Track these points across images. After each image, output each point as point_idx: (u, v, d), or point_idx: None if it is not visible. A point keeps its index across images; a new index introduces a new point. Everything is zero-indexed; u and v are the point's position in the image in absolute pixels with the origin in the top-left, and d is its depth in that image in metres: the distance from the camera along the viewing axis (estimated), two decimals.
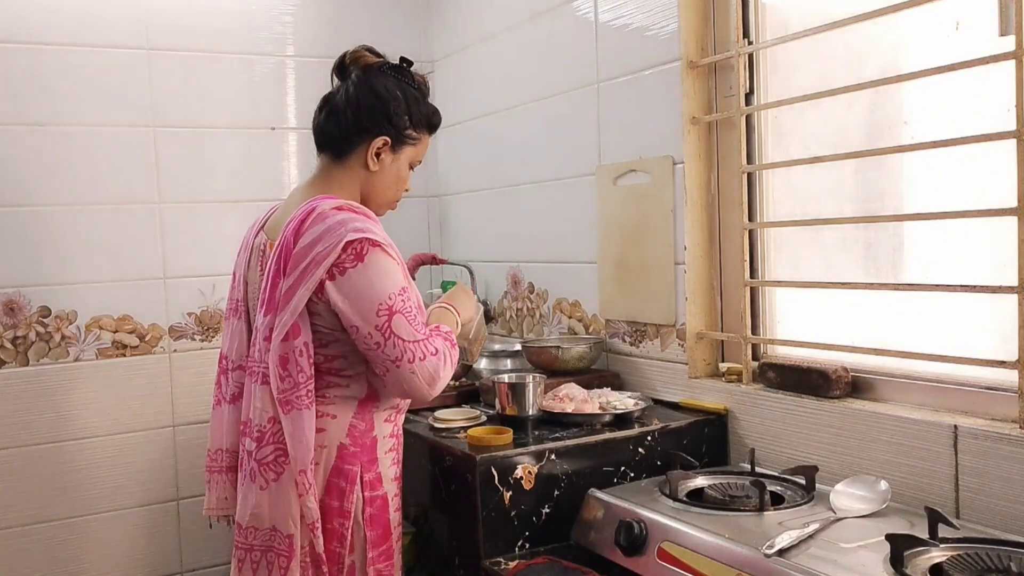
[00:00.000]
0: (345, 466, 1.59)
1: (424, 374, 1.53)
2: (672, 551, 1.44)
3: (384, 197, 1.72)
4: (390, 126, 1.65)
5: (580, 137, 2.36)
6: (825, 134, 1.85)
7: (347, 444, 1.60)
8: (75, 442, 2.58)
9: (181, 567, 2.71)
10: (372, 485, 1.62)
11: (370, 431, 1.63)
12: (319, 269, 1.50)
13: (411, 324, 1.53)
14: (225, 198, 2.71)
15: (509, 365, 2.37)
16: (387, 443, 1.67)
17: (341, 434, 1.60)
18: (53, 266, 2.54)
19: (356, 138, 1.65)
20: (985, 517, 1.45)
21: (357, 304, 1.51)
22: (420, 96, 1.71)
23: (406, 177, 1.73)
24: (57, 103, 2.53)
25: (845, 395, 1.73)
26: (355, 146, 1.65)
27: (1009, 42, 1.42)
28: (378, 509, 1.63)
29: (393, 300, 1.52)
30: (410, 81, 1.70)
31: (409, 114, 1.67)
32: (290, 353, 1.52)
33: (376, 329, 1.51)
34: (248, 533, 1.57)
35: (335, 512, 1.58)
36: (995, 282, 1.49)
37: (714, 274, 2.06)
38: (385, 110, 1.64)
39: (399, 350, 1.51)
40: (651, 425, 1.89)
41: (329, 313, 1.54)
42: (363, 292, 1.51)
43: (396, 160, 1.68)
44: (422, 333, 1.54)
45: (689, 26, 2.01)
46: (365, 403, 1.62)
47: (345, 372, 1.60)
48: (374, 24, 2.98)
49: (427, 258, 2.56)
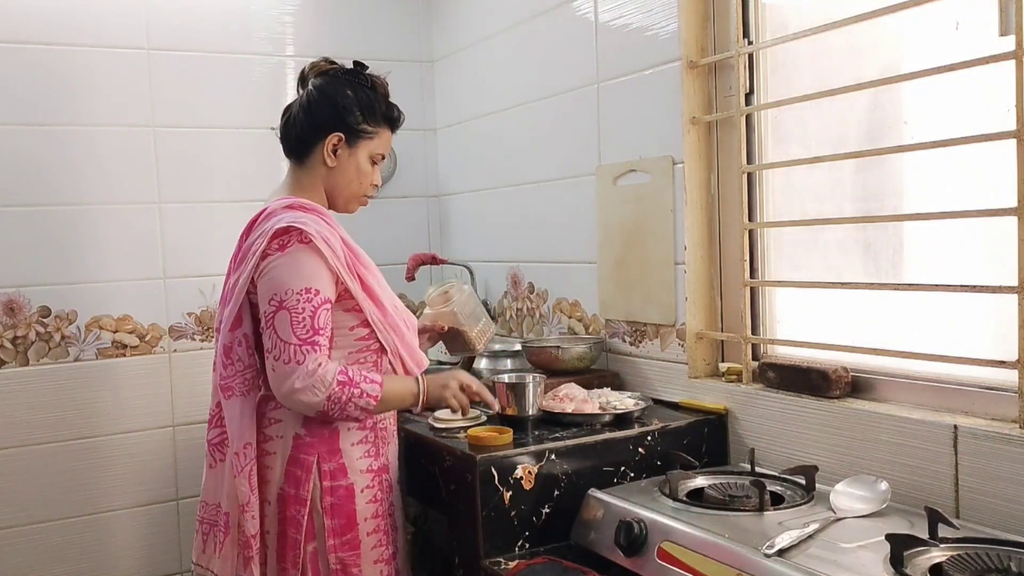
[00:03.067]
0: (301, 455, 1.66)
1: (279, 374, 1.58)
2: (672, 551, 1.44)
3: (347, 191, 1.78)
4: (342, 123, 1.73)
5: (580, 137, 2.36)
6: (825, 134, 1.85)
7: (303, 434, 1.67)
8: (75, 442, 2.58)
9: (181, 567, 2.71)
10: (333, 475, 1.67)
11: (328, 422, 1.67)
12: (255, 259, 1.61)
13: (292, 325, 1.57)
14: (225, 198, 2.71)
15: (509, 365, 2.37)
16: (355, 435, 1.71)
17: (297, 425, 1.68)
18: (53, 266, 2.54)
19: (312, 138, 1.74)
20: (985, 517, 1.45)
21: (263, 288, 1.61)
22: (374, 93, 1.78)
23: (368, 171, 1.79)
24: (57, 103, 2.53)
25: (845, 395, 1.73)
26: (312, 146, 1.74)
27: (1009, 42, 1.42)
28: (340, 499, 1.67)
29: (288, 296, 1.58)
30: (362, 81, 1.78)
31: (361, 110, 1.74)
32: (232, 343, 1.65)
33: (264, 315, 1.60)
34: (202, 507, 1.72)
35: (292, 499, 1.66)
36: (995, 282, 1.49)
37: (714, 274, 2.06)
38: (335, 109, 1.73)
39: (271, 342, 1.59)
40: (651, 425, 1.89)
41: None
42: (270, 279, 1.60)
43: (353, 155, 1.75)
44: (298, 339, 1.57)
45: (689, 26, 2.01)
46: None
47: None
48: (374, 24, 2.98)
49: (427, 258, 2.57)
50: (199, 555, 1.72)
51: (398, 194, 3.05)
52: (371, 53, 2.96)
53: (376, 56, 2.97)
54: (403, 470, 1.96)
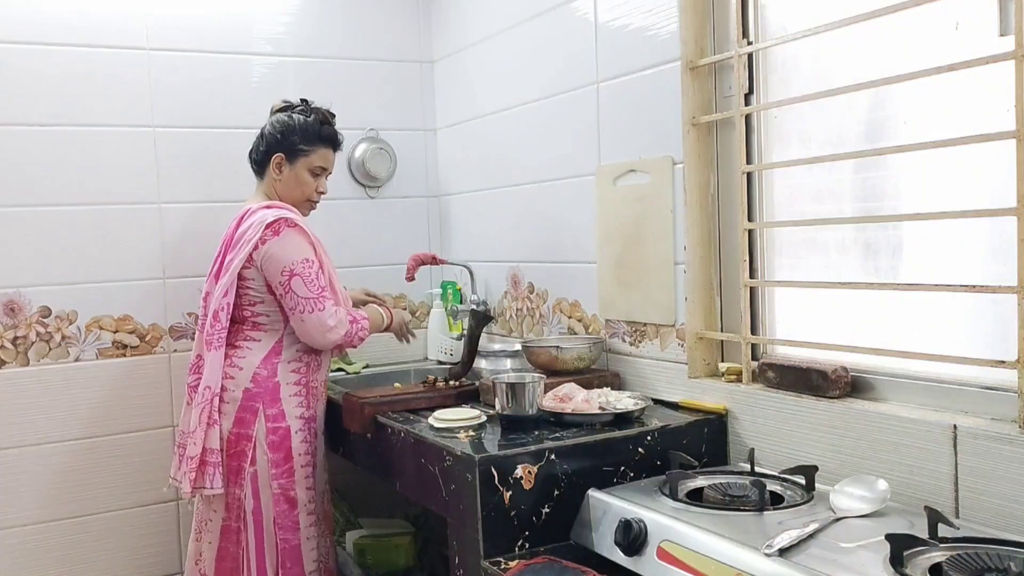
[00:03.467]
0: (248, 403, 2.18)
1: (310, 322, 2.15)
2: (672, 551, 1.44)
3: (293, 196, 2.30)
4: (281, 145, 2.28)
5: (580, 137, 2.36)
6: (825, 134, 1.85)
7: (251, 387, 2.18)
8: (75, 442, 2.58)
9: (181, 567, 2.71)
10: (274, 419, 2.19)
11: (272, 377, 2.20)
12: (248, 245, 2.14)
13: (306, 285, 2.14)
14: (225, 198, 2.71)
15: (509, 365, 2.37)
16: (291, 389, 2.22)
17: (246, 381, 2.18)
18: (53, 266, 2.54)
19: (264, 159, 2.31)
20: (985, 517, 1.45)
21: (271, 266, 2.14)
22: (311, 120, 2.29)
23: (308, 181, 2.30)
24: (57, 103, 2.53)
25: (845, 395, 1.73)
26: (265, 165, 2.31)
27: (1009, 42, 1.42)
28: (280, 437, 2.19)
29: (295, 265, 2.14)
30: (303, 111, 2.31)
31: (298, 133, 2.28)
32: (219, 309, 2.16)
33: (280, 285, 2.15)
34: (180, 435, 2.21)
35: (241, 437, 2.17)
36: (995, 282, 1.49)
37: (714, 274, 2.06)
38: (279, 135, 2.28)
39: (294, 302, 2.15)
40: (651, 425, 1.89)
41: (259, 276, 2.16)
42: (275, 257, 2.14)
43: (294, 169, 2.29)
44: (314, 293, 2.14)
45: (689, 26, 2.01)
46: (271, 355, 2.20)
47: (264, 326, 2.22)
48: (374, 24, 2.98)
49: (427, 258, 2.57)
50: (174, 471, 2.22)
51: (398, 194, 3.05)
52: (371, 53, 2.97)
53: (376, 56, 2.98)
54: (403, 469, 1.96)
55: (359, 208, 2.99)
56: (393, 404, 2.18)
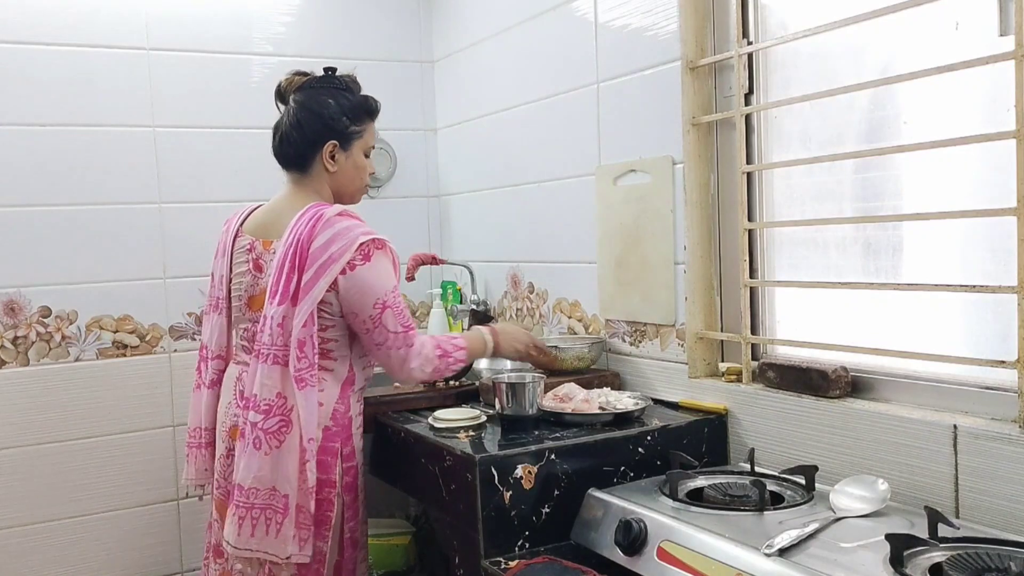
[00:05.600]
0: (329, 444, 1.85)
1: (396, 359, 1.86)
2: (672, 551, 1.44)
3: (352, 187, 2.01)
4: (333, 131, 1.92)
5: (580, 137, 2.36)
6: (825, 134, 1.85)
7: (330, 426, 1.86)
8: (75, 442, 2.58)
9: (181, 567, 2.71)
10: (349, 457, 1.90)
11: (347, 412, 1.90)
12: (336, 265, 1.79)
13: (397, 318, 1.85)
14: (225, 198, 2.71)
15: (509, 365, 2.37)
16: (358, 420, 1.94)
17: (326, 418, 1.86)
18: (53, 266, 2.54)
19: (309, 151, 1.93)
20: (985, 517, 1.45)
21: (360, 296, 1.82)
22: (351, 95, 1.96)
23: (364, 165, 2.00)
24: (57, 103, 2.53)
25: (845, 395, 1.73)
26: (311, 158, 1.93)
27: (1009, 42, 1.42)
28: (352, 477, 1.90)
29: (387, 297, 1.84)
30: (337, 85, 1.97)
31: (345, 114, 1.93)
32: (307, 338, 1.79)
33: (369, 318, 1.83)
34: (250, 493, 1.79)
35: (324, 483, 1.83)
36: (995, 282, 1.49)
37: (714, 274, 2.06)
38: (323, 120, 1.92)
39: (382, 337, 1.84)
40: (651, 425, 1.89)
41: (336, 302, 1.83)
42: (366, 287, 1.82)
43: (350, 156, 1.96)
44: (404, 327, 1.86)
45: (689, 26, 2.01)
46: (346, 385, 1.90)
47: (334, 353, 1.88)
48: (373, 24, 2.98)
49: (427, 258, 2.57)
50: (247, 540, 1.78)
51: (398, 194, 3.05)
52: (371, 53, 2.97)
53: (376, 56, 2.98)
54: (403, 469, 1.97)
55: (359, 208, 2.98)
56: (393, 404, 2.18)
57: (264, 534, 1.77)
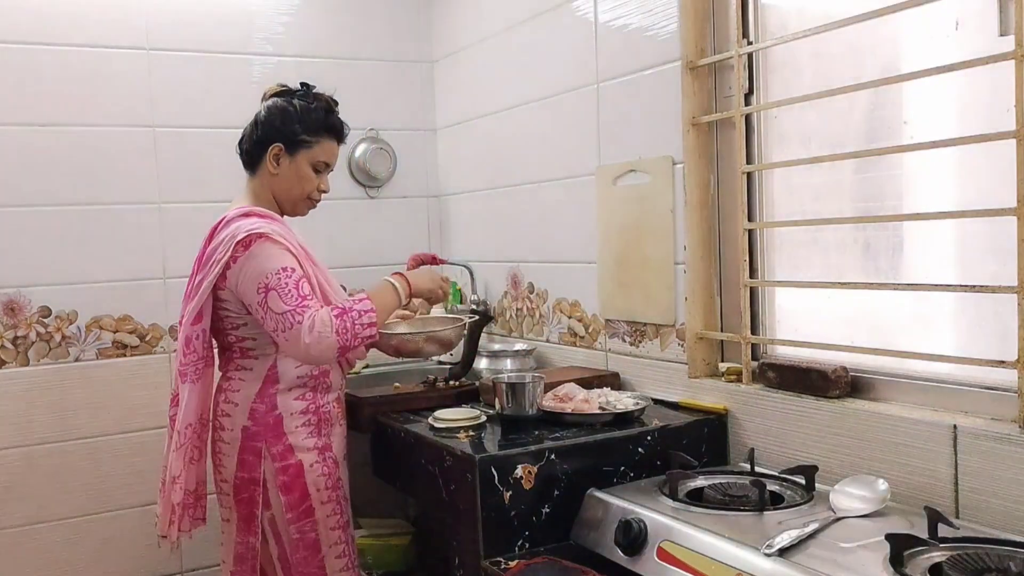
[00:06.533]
0: (250, 443, 1.90)
1: (292, 339, 1.78)
2: (672, 551, 1.44)
3: (290, 195, 1.99)
4: (281, 134, 1.95)
5: (580, 137, 2.36)
6: (825, 134, 1.85)
7: (249, 425, 1.90)
8: (75, 442, 2.58)
9: (181, 567, 2.71)
10: (281, 456, 1.90)
11: (271, 411, 1.90)
12: (219, 265, 1.84)
13: (282, 299, 1.79)
14: (225, 198, 2.67)
15: (509, 365, 2.37)
16: (297, 419, 1.92)
17: (243, 418, 1.90)
18: (53, 266, 2.54)
19: (257, 150, 1.98)
20: (985, 517, 1.45)
21: (245, 285, 1.83)
22: (314, 108, 1.98)
23: (309, 176, 1.98)
24: (57, 103, 2.53)
25: (845, 395, 1.73)
26: (259, 157, 1.98)
27: (1009, 42, 1.42)
28: (291, 476, 1.90)
29: (269, 278, 1.80)
30: (304, 97, 1.99)
31: (299, 121, 1.95)
32: (191, 335, 1.88)
33: (258, 305, 1.81)
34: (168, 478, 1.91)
35: (247, 481, 1.90)
36: (995, 282, 1.49)
37: (714, 274, 2.06)
38: (276, 122, 1.96)
39: (273, 322, 1.80)
40: (651, 425, 1.89)
41: (234, 299, 1.87)
42: (248, 275, 1.82)
43: (294, 162, 1.97)
44: (290, 305, 1.79)
45: (689, 26, 2.01)
46: (268, 383, 1.91)
47: (252, 352, 1.92)
48: (374, 24, 2.98)
49: (427, 258, 2.56)
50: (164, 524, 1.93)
51: (398, 194, 3.05)
52: (371, 53, 2.97)
53: (376, 56, 2.98)
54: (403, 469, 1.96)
55: (359, 208, 2.99)
56: (393, 404, 2.18)
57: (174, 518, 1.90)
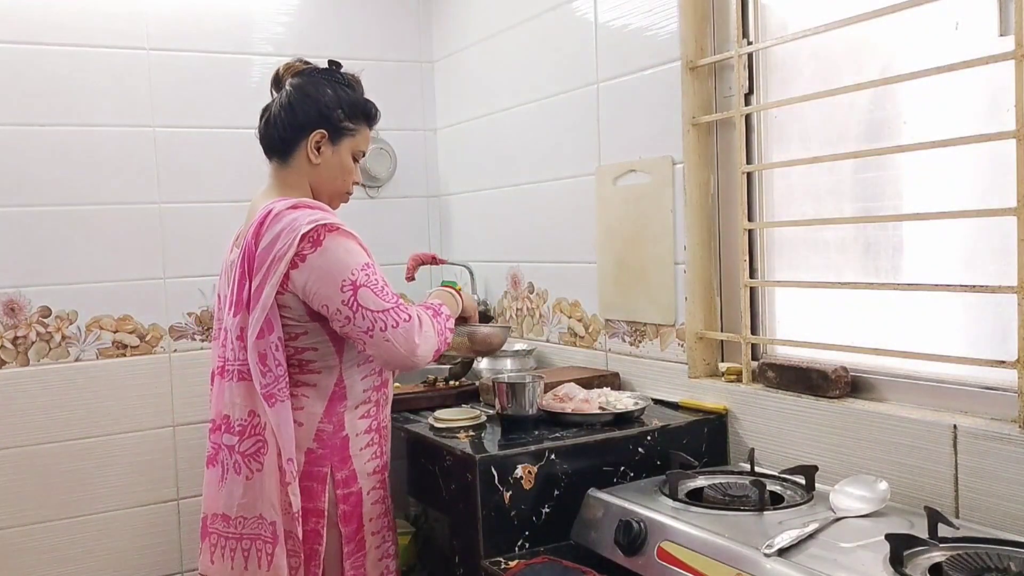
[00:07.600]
0: (314, 469, 1.67)
1: (398, 340, 1.61)
2: (672, 551, 1.44)
3: (332, 187, 1.79)
4: (325, 120, 1.74)
5: (580, 137, 2.36)
6: (825, 134, 1.85)
7: (315, 448, 1.68)
8: (75, 442, 2.58)
9: (181, 567, 2.71)
10: (346, 483, 1.71)
11: (339, 432, 1.70)
12: (281, 264, 1.59)
13: (378, 296, 1.61)
14: (225, 198, 2.71)
15: (509, 365, 2.37)
16: (362, 439, 1.73)
17: (308, 440, 1.67)
18: (53, 266, 2.54)
19: (295, 137, 1.74)
20: (985, 517, 1.45)
21: (322, 284, 1.60)
22: (352, 91, 1.79)
23: (351, 168, 1.80)
24: (57, 103, 2.53)
25: (845, 395, 1.73)
26: (296, 145, 1.74)
27: (1009, 42, 1.42)
28: (352, 505, 1.71)
29: (356, 275, 1.60)
30: (339, 79, 1.80)
31: (342, 107, 1.76)
32: (267, 349, 1.61)
33: (344, 304, 1.59)
34: (237, 523, 1.64)
35: (310, 512, 1.67)
36: (995, 282, 1.49)
37: (714, 274, 2.06)
38: (317, 106, 1.74)
39: (368, 321, 1.59)
40: (651, 425, 1.89)
41: (297, 304, 1.63)
42: (326, 272, 1.60)
43: (337, 152, 1.77)
44: (390, 302, 1.62)
45: (689, 26, 2.01)
46: (334, 401, 1.69)
47: (314, 365, 1.68)
48: (373, 24, 2.98)
49: (427, 258, 2.56)
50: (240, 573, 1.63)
51: (398, 194, 3.05)
52: (371, 53, 2.97)
53: (376, 56, 2.98)
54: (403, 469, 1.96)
55: (359, 208, 2.99)
56: (393, 404, 2.17)
57: (257, 567, 1.62)
